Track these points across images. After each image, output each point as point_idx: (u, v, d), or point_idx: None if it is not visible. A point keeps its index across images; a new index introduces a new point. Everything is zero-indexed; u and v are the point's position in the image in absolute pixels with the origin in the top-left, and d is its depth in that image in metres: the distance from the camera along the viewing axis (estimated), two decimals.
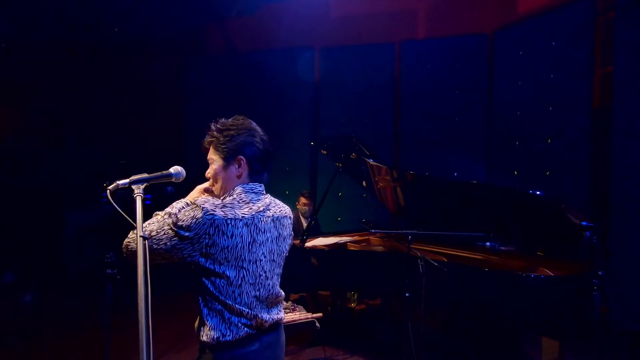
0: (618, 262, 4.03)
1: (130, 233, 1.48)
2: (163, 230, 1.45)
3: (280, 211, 1.68)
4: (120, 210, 1.40)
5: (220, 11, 6.59)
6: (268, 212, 1.62)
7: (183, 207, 1.57)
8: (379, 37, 6.04)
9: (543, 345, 3.39)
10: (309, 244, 3.99)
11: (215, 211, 1.47)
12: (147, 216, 1.55)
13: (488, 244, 3.71)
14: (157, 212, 1.59)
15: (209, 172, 1.66)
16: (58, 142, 6.78)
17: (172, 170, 1.59)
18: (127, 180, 1.46)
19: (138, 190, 1.44)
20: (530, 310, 2.91)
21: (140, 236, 1.34)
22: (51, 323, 4.68)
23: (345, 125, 6.07)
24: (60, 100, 6.68)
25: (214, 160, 1.62)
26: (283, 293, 1.70)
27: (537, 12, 5.04)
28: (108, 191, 1.44)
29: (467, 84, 5.52)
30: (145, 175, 1.50)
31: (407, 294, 2.91)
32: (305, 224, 5.01)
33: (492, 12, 5.47)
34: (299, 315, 3.51)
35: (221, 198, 1.61)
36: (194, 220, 1.43)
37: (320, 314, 3.59)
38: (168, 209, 1.57)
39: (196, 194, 1.70)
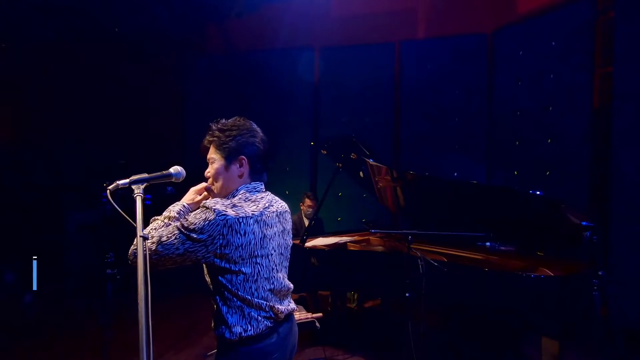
0: (618, 262, 4.03)
1: (135, 240, 1.47)
2: (173, 234, 1.46)
3: (281, 206, 1.73)
4: (120, 210, 1.41)
5: (220, 11, 6.59)
6: (272, 207, 1.66)
7: (181, 210, 1.63)
8: (379, 37, 6.03)
9: (543, 345, 3.39)
10: (309, 244, 3.99)
11: (227, 211, 1.48)
12: (147, 216, 1.56)
13: (488, 244, 3.71)
14: (156, 217, 1.60)
15: (208, 172, 1.66)
16: (58, 141, 6.78)
17: (172, 170, 1.60)
18: (127, 180, 1.47)
19: (138, 190, 1.45)
20: (530, 310, 2.91)
21: (140, 236, 1.34)
22: (51, 323, 4.68)
23: (345, 125, 6.05)
24: (60, 100, 6.68)
25: (215, 159, 1.63)
26: (292, 285, 1.73)
27: (537, 12, 5.03)
28: (108, 191, 1.44)
29: (467, 84, 5.52)
30: (145, 175, 1.50)
31: (407, 294, 2.91)
32: (307, 224, 5.01)
33: (492, 12, 5.47)
34: (299, 315, 3.50)
35: (227, 198, 1.62)
36: (207, 222, 1.45)
37: (320, 314, 3.58)
38: (166, 213, 1.62)
39: (191, 195, 1.72)
